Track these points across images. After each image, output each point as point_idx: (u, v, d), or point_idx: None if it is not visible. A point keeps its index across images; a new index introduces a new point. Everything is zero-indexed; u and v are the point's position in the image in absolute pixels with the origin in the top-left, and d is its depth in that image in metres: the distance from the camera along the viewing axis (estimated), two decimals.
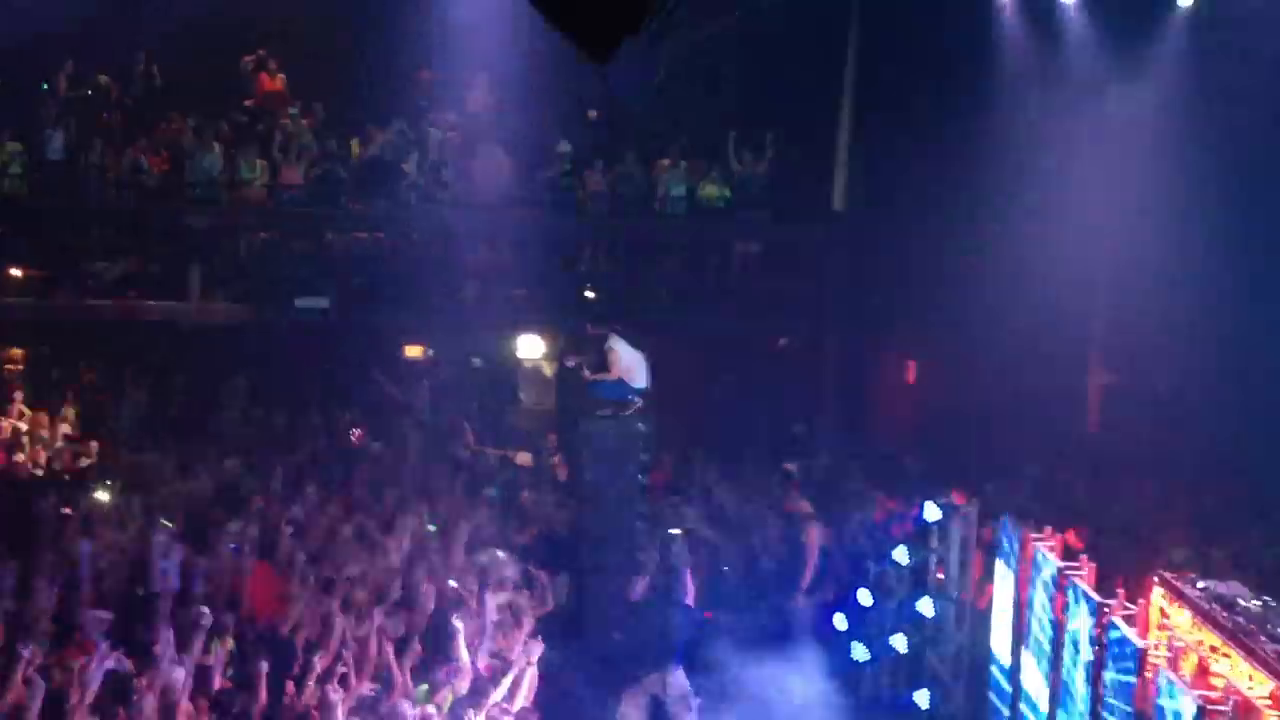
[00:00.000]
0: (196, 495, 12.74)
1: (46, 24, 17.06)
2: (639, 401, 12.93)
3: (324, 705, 8.61)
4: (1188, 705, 7.88)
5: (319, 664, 9.21)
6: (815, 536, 12.86)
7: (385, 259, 17.58)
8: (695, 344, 18.16)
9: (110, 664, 8.71)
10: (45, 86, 17.28)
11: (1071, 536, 11.23)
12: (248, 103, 17.94)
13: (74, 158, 16.96)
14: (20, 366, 16.01)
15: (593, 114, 18.67)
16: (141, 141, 17.01)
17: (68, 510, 11.63)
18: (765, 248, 18.24)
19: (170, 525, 11.31)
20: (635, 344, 12.97)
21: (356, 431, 15.62)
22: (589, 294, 16.79)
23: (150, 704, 8.46)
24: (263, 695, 8.89)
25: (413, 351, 19.08)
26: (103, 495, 12.39)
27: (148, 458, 13.62)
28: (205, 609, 9.46)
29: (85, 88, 17.55)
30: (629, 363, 12.86)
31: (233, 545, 11.13)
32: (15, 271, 17.16)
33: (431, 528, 12.29)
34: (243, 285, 17.29)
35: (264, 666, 8.98)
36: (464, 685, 9.29)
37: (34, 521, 11.66)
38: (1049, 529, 11.40)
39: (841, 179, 17.88)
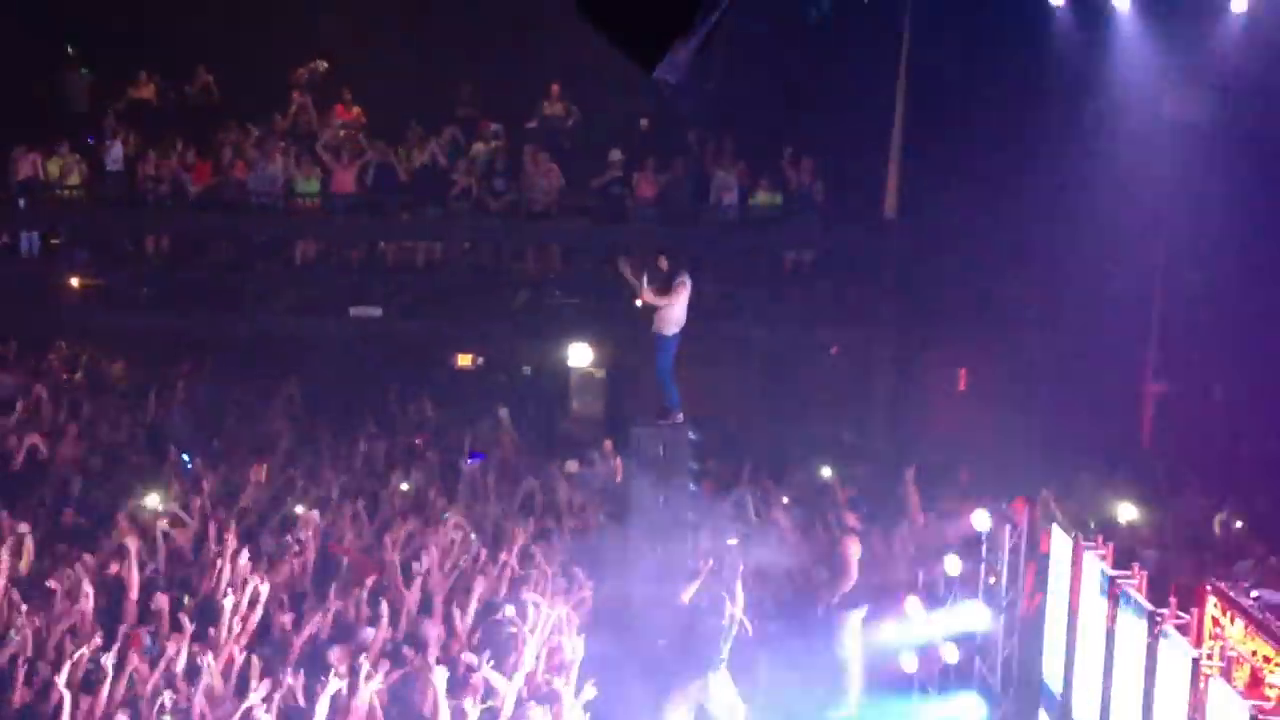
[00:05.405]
0: (249, 501, 12.84)
1: (105, 38, 17.41)
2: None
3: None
4: (1240, 715, 7.77)
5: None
6: (851, 550, 12.76)
7: (437, 268, 17.65)
8: (746, 351, 18.12)
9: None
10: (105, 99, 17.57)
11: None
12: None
13: (132, 168, 17.16)
14: (79, 373, 16.19)
15: (644, 123, 18.69)
16: (188, 153, 17.19)
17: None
18: (816, 255, 18.14)
19: None
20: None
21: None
22: (638, 302, 16.74)
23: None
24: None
25: (463, 360, 19.20)
26: (154, 499, 12.50)
27: (200, 462, 13.70)
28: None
29: (144, 99, 17.81)
30: (682, 304, 12.96)
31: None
32: (74, 281, 17.42)
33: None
34: (297, 294, 17.42)
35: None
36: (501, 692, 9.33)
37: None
38: (1100, 538, 11.30)
39: (893, 186, 17.77)
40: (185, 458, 13.94)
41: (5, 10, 16.69)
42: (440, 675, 9.08)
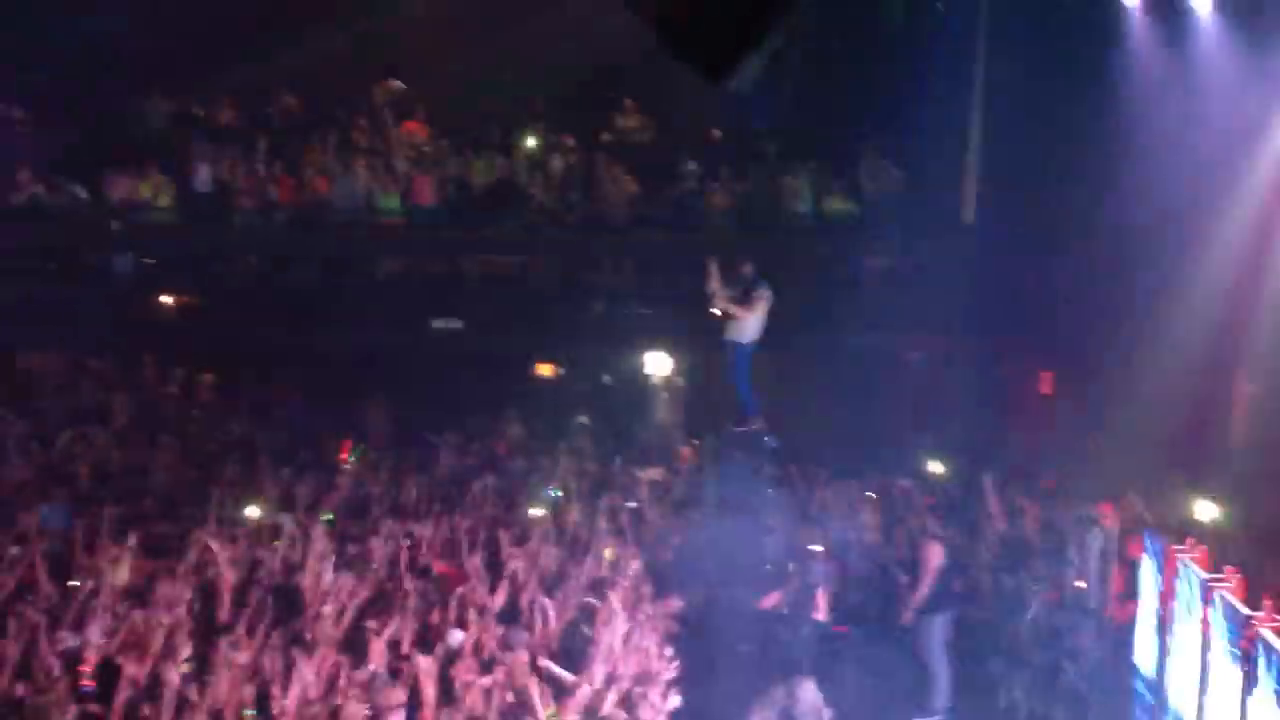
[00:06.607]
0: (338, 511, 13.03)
1: (191, 58, 17.81)
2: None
3: None
4: None
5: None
6: (933, 554, 12.69)
7: (516, 280, 17.82)
8: (824, 360, 18.07)
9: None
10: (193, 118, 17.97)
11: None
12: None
13: (221, 189, 17.51)
14: (172, 388, 16.52)
15: (716, 133, 18.76)
16: (276, 170, 17.50)
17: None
18: (893, 261, 18.05)
19: None
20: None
21: None
22: (715, 311, 16.81)
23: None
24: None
25: (544, 370, 19.35)
26: (248, 510, 12.72)
27: (287, 476, 13.91)
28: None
29: (230, 120, 18.19)
30: (760, 315, 13.12)
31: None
32: (166, 299, 17.81)
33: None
34: (381, 308, 17.64)
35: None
36: (590, 698, 9.38)
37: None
38: (1191, 540, 11.12)
39: (970, 191, 17.65)
40: (278, 470, 14.14)
41: (89, 40, 17.14)
42: (535, 681, 9.17)
